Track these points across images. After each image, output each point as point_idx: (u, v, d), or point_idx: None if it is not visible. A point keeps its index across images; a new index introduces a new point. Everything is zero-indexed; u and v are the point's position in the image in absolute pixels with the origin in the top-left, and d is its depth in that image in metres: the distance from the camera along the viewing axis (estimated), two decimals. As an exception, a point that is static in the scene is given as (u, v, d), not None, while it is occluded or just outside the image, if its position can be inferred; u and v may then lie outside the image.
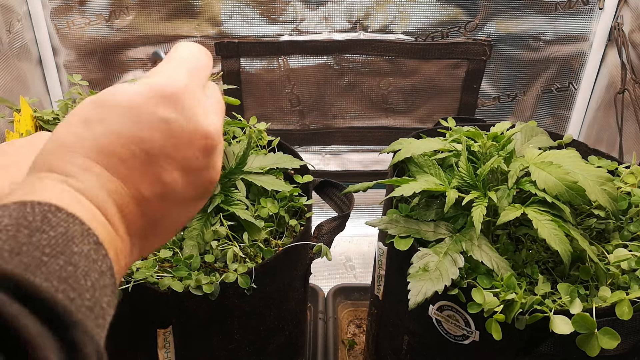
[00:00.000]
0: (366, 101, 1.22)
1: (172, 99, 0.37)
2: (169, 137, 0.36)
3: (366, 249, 1.35)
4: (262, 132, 0.80)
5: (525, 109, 1.23)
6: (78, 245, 0.30)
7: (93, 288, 0.29)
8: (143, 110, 0.36)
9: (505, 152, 0.68)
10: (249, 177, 0.70)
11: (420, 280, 0.59)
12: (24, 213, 0.29)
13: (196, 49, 0.41)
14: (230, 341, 0.67)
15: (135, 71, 1.17)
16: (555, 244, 0.58)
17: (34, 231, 0.28)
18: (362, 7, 1.11)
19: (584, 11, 1.11)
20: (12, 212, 0.29)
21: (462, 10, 1.11)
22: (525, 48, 1.15)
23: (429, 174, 0.68)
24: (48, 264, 0.28)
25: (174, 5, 1.09)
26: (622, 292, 0.56)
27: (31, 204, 0.29)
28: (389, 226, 0.65)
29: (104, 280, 0.31)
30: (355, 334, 1.11)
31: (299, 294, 0.77)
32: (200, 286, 0.59)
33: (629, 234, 0.66)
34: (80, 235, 0.30)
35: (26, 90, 1.08)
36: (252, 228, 0.66)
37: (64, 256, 0.28)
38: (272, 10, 1.11)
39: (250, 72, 1.16)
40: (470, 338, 0.61)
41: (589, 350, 0.53)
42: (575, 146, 0.81)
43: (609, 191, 0.62)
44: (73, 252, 0.29)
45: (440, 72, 1.18)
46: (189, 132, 0.37)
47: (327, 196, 0.81)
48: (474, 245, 0.61)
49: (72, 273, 0.28)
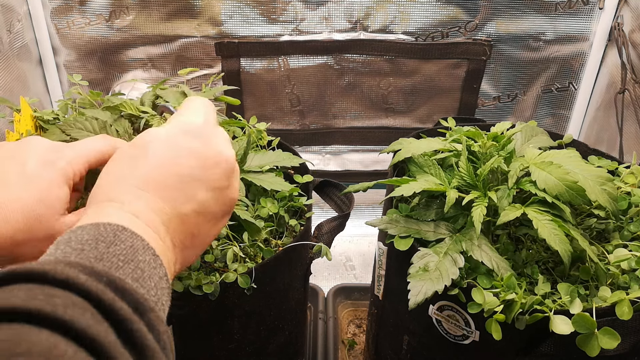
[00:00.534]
0: (366, 101, 1.22)
1: (196, 133, 0.47)
2: (197, 163, 0.46)
3: (366, 248, 1.35)
4: (262, 132, 0.80)
5: (525, 108, 1.23)
6: (142, 255, 0.38)
7: (156, 287, 0.38)
8: (174, 144, 0.46)
9: (506, 152, 0.68)
10: (249, 176, 0.70)
11: (421, 280, 0.59)
12: (99, 231, 0.38)
13: (205, 99, 0.52)
14: (230, 341, 0.67)
15: (135, 71, 1.17)
16: (555, 244, 0.58)
17: (109, 244, 0.37)
18: (362, 7, 1.11)
19: (584, 11, 1.11)
20: (89, 230, 0.38)
21: (462, 10, 1.11)
22: (525, 48, 1.15)
23: (429, 174, 0.68)
24: (124, 268, 0.37)
25: (174, 5, 1.09)
26: (622, 292, 0.55)
27: (103, 225, 0.39)
28: (389, 226, 0.65)
29: (162, 284, 0.39)
30: (355, 333, 1.11)
31: (299, 294, 0.77)
32: (200, 286, 0.59)
33: (629, 234, 0.66)
34: (142, 248, 0.39)
35: (26, 90, 1.08)
36: (252, 228, 0.66)
37: (133, 263, 0.37)
38: (272, 10, 1.11)
39: (250, 72, 1.16)
40: (471, 338, 0.61)
41: (589, 350, 0.53)
42: (575, 146, 0.81)
43: (609, 191, 0.62)
44: (139, 260, 0.38)
45: (441, 72, 1.18)
46: (212, 157, 0.47)
47: (327, 196, 0.81)
48: (474, 245, 0.61)
49: (141, 275, 0.37)
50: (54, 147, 0.53)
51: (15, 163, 0.51)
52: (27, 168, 0.50)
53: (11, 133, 0.70)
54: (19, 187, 0.49)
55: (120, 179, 0.44)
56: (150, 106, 0.72)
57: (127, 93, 1.09)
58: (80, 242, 0.37)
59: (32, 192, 0.49)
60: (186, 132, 0.47)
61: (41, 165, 0.51)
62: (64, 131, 0.67)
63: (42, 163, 0.51)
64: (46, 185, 0.50)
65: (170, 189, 0.44)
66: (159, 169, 0.44)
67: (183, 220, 0.45)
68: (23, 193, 0.49)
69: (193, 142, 0.47)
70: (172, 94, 0.73)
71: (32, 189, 0.49)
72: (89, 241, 0.37)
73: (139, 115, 0.68)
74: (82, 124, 0.67)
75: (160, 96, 0.73)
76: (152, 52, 1.14)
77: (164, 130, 0.47)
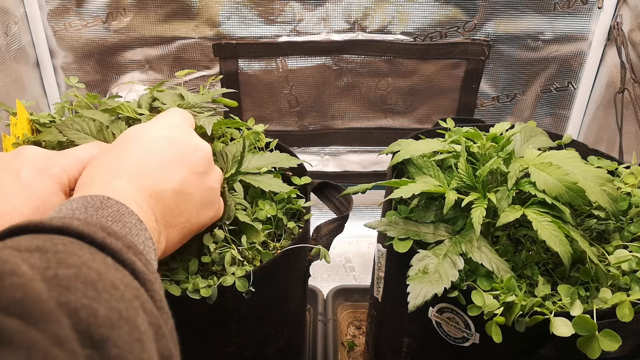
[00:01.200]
0: (365, 102, 1.22)
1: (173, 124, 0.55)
2: (175, 148, 0.52)
3: (365, 250, 1.34)
4: (260, 134, 0.80)
5: (524, 108, 1.23)
6: (128, 218, 0.43)
7: (144, 244, 0.42)
8: (154, 134, 0.53)
9: (505, 153, 0.67)
10: (247, 177, 0.70)
11: (420, 283, 0.59)
12: (87, 200, 0.42)
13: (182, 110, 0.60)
14: (229, 345, 0.67)
15: (133, 73, 1.16)
16: (555, 245, 0.57)
17: (97, 209, 0.42)
18: (361, 8, 1.10)
19: (583, 10, 1.10)
20: (77, 200, 0.42)
21: (461, 10, 1.11)
22: (524, 48, 1.15)
23: (428, 175, 0.68)
24: (112, 226, 0.40)
25: (171, 7, 1.08)
26: (623, 294, 0.55)
27: (90, 196, 0.43)
28: (388, 228, 0.65)
29: (149, 243, 0.43)
30: (355, 335, 1.11)
31: (298, 296, 0.77)
32: (198, 290, 0.59)
33: (630, 235, 0.66)
34: (128, 213, 0.43)
35: (23, 92, 1.07)
36: (251, 230, 0.66)
37: (121, 222, 0.42)
38: (270, 11, 1.10)
39: (248, 73, 1.16)
40: (470, 340, 0.61)
41: (590, 352, 0.53)
42: (574, 146, 0.80)
43: (609, 192, 0.62)
44: (126, 221, 0.42)
45: (439, 73, 1.17)
46: (190, 144, 0.54)
47: (325, 198, 0.81)
48: (473, 247, 0.61)
49: (129, 232, 0.42)
50: (47, 155, 0.54)
51: (9, 174, 0.51)
52: (21, 178, 0.51)
53: (7, 137, 0.70)
54: (15, 197, 0.49)
55: (103, 166, 0.49)
56: (147, 108, 0.72)
57: (125, 95, 1.08)
58: (70, 209, 0.41)
59: (28, 201, 0.50)
60: (165, 125, 0.54)
61: (36, 174, 0.51)
62: (60, 131, 0.66)
63: (36, 172, 0.52)
64: (42, 194, 0.51)
65: (150, 170, 0.49)
66: (140, 155, 0.50)
67: (162, 197, 0.49)
68: (19, 202, 0.49)
69: (171, 131, 0.54)
70: (170, 96, 0.73)
71: (28, 198, 0.50)
72: (79, 208, 0.41)
73: (136, 118, 0.68)
74: (79, 125, 0.67)
75: (157, 98, 0.73)
76: (149, 53, 1.14)
77: (144, 126, 0.54)
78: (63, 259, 0.32)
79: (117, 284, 0.33)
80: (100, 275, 0.32)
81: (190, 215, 0.53)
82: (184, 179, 0.51)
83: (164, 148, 0.52)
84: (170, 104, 0.71)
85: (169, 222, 0.50)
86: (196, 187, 0.53)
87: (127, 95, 1.08)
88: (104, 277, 0.32)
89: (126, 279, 0.35)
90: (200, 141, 0.55)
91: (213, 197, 0.56)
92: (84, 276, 0.31)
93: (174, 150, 0.52)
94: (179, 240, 0.53)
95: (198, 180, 0.53)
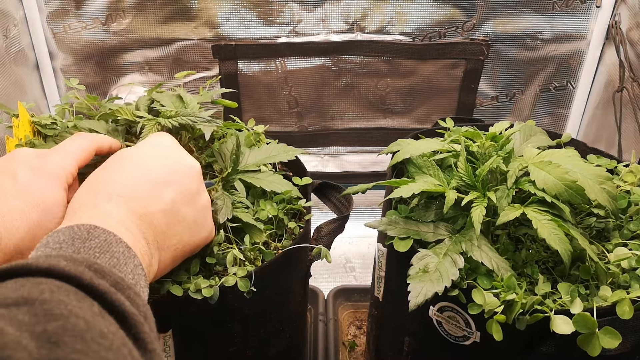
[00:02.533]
0: (364, 102, 1.22)
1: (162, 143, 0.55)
2: (164, 167, 0.52)
3: (366, 250, 1.35)
4: (260, 134, 0.80)
5: (523, 108, 1.23)
6: (116, 247, 0.42)
7: (132, 273, 0.42)
8: (144, 154, 0.53)
9: (504, 152, 0.68)
10: (246, 176, 0.70)
11: (421, 282, 0.59)
12: (73, 231, 0.42)
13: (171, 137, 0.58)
14: (231, 345, 0.67)
15: (133, 75, 1.16)
16: (555, 244, 0.57)
17: (85, 240, 0.41)
18: (359, 8, 1.11)
19: (581, 9, 1.11)
20: (64, 232, 0.42)
21: (459, 10, 1.11)
22: (522, 47, 1.15)
23: (427, 174, 0.68)
24: (101, 257, 0.40)
25: (170, 9, 1.09)
26: (623, 292, 0.55)
27: (77, 226, 0.42)
28: (388, 227, 0.65)
29: (138, 270, 0.43)
30: (356, 335, 1.11)
31: (299, 296, 0.77)
32: (200, 290, 0.59)
33: (629, 233, 0.66)
34: (115, 242, 0.43)
35: (23, 95, 1.08)
36: (254, 230, 0.66)
37: (109, 253, 0.41)
38: (269, 12, 1.10)
39: (247, 74, 1.16)
40: (471, 339, 0.61)
41: (590, 350, 0.53)
42: (574, 145, 0.81)
43: (608, 190, 0.62)
44: (114, 251, 0.42)
45: (438, 73, 1.18)
46: (178, 162, 0.54)
47: (326, 198, 0.81)
48: (473, 245, 0.61)
49: (117, 262, 0.41)
50: (40, 154, 0.55)
51: (6, 176, 0.52)
52: (18, 179, 0.51)
53: (10, 139, 0.70)
54: (14, 198, 0.50)
55: (94, 188, 0.49)
56: (145, 110, 0.72)
57: (125, 97, 1.09)
58: (57, 242, 0.41)
59: (27, 200, 0.50)
60: (154, 145, 0.55)
61: (31, 174, 0.52)
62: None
63: (31, 171, 0.52)
64: (40, 192, 0.51)
65: (140, 191, 0.49)
66: (130, 175, 0.50)
67: (152, 219, 0.49)
68: (19, 202, 0.50)
69: (160, 150, 0.54)
70: (168, 98, 0.73)
71: (27, 197, 0.50)
72: (66, 240, 0.41)
73: (135, 120, 0.68)
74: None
75: (156, 100, 0.73)
76: (149, 55, 1.14)
77: (134, 147, 0.54)
78: (50, 310, 0.32)
79: (105, 332, 0.32)
80: (88, 324, 0.32)
81: (182, 237, 0.52)
82: (175, 199, 0.51)
83: (155, 168, 0.51)
84: (169, 106, 0.72)
85: (160, 245, 0.50)
86: (188, 208, 0.52)
87: (126, 97, 1.08)
88: (92, 326, 0.32)
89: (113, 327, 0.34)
90: (191, 160, 0.55)
91: (206, 217, 0.56)
92: (72, 327, 0.31)
93: (164, 169, 0.52)
94: (172, 263, 0.53)
95: (190, 200, 0.53)
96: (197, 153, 0.72)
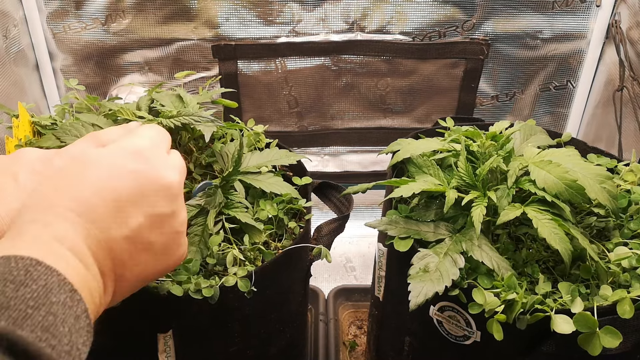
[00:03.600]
0: (364, 102, 1.22)
1: (138, 154, 0.45)
2: (136, 185, 0.44)
3: (366, 249, 1.35)
4: (260, 134, 0.80)
5: (523, 107, 1.23)
6: (56, 295, 0.35)
7: (70, 333, 0.35)
8: (114, 164, 0.44)
9: (504, 152, 0.68)
10: (247, 177, 0.70)
11: (421, 281, 0.59)
12: (9, 268, 0.35)
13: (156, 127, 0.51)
14: (231, 345, 0.67)
15: (132, 75, 1.16)
16: (555, 243, 0.57)
17: (19, 285, 0.34)
18: (359, 8, 1.11)
19: (581, 9, 1.11)
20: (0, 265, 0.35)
21: (459, 9, 1.11)
22: (522, 46, 1.15)
23: (428, 174, 0.68)
24: (33, 316, 0.33)
25: (170, 9, 1.09)
26: (624, 291, 0.55)
27: (15, 259, 0.35)
28: (388, 227, 0.65)
29: (80, 323, 0.36)
30: (357, 335, 1.11)
31: (299, 296, 0.77)
32: (200, 290, 0.59)
33: (630, 232, 0.66)
34: (58, 285, 0.36)
35: (23, 95, 1.08)
36: (253, 231, 0.66)
37: (45, 307, 0.34)
38: (269, 12, 1.10)
39: (247, 74, 1.16)
40: (472, 338, 0.61)
41: (591, 349, 0.53)
42: (574, 144, 0.81)
43: (608, 189, 0.62)
44: (52, 302, 0.35)
45: (438, 72, 1.18)
46: (153, 181, 0.45)
47: (326, 198, 0.81)
48: (474, 245, 0.61)
49: (53, 322, 0.34)
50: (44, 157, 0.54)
51: (8, 177, 0.51)
52: (19, 181, 0.51)
53: (10, 139, 0.70)
54: (14, 199, 0.49)
55: (50, 198, 0.42)
56: (146, 110, 0.72)
57: (125, 97, 1.08)
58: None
59: None
60: (128, 153, 0.45)
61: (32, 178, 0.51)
62: (58, 138, 0.67)
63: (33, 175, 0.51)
64: None
65: (103, 211, 0.42)
66: (94, 190, 0.42)
67: (112, 246, 0.42)
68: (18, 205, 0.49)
69: (134, 163, 0.45)
70: (168, 98, 0.73)
71: None
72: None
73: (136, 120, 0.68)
74: (78, 131, 0.67)
75: (156, 100, 0.73)
76: (148, 55, 1.14)
77: (105, 150, 0.45)
78: None
79: None
80: None
81: (146, 266, 0.46)
82: (143, 224, 0.44)
83: (124, 184, 0.43)
84: (169, 106, 0.72)
85: (119, 276, 0.44)
86: (158, 233, 0.46)
87: (126, 97, 1.08)
88: None
89: None
90: (169, 173, 0.47)
91: (177, 241, 0.48)
92: None
93: (135, 188, 0.44)
94: (129, 291, 0.47)
95: (160, 224, 0.46)
96: (197, 153, 0.72)
